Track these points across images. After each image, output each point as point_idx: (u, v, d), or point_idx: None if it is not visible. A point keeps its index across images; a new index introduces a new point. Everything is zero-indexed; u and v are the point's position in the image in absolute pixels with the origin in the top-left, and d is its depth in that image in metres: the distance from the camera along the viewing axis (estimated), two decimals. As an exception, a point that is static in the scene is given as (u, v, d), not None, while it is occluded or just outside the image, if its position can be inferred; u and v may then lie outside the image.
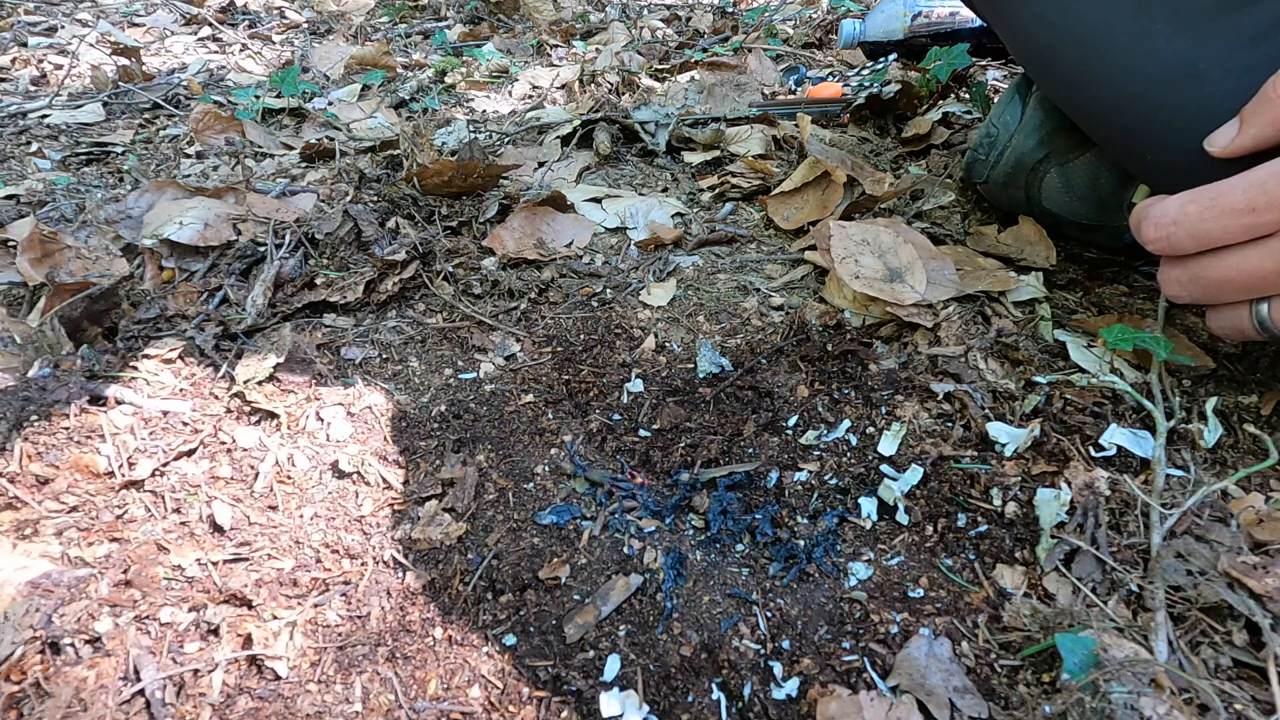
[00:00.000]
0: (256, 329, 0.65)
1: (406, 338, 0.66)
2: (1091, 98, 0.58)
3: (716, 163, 0.96)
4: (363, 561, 0.47)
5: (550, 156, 0.98)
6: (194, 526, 0.49)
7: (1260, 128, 0.46)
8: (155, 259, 0.72)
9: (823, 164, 0.81)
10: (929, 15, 1.25)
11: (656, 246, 0.79)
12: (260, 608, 0.44)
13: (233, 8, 1.77)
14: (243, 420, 0.57)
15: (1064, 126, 0.68)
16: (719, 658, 0.42)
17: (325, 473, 0.53)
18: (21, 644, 0.40)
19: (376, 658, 0.42)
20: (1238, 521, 0.46)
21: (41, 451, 0.51)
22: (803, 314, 0.66)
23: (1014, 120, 0.71)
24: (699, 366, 0.62)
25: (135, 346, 0.63)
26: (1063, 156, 0.69)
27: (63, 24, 1.59)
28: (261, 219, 0.77)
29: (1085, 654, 0.38)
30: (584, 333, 0.66)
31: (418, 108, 1.20)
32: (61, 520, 0.48)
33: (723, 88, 1.17)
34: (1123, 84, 0.54)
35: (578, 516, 0.50)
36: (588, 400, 0.59)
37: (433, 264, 0.74)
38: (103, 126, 1.12)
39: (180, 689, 0.40)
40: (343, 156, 0.97)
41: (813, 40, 1.48)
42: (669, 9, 1.81)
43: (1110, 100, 0.56)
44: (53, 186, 0.90)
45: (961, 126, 1.01)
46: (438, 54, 1.48)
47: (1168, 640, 0.41)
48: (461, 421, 0.57)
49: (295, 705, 0.40)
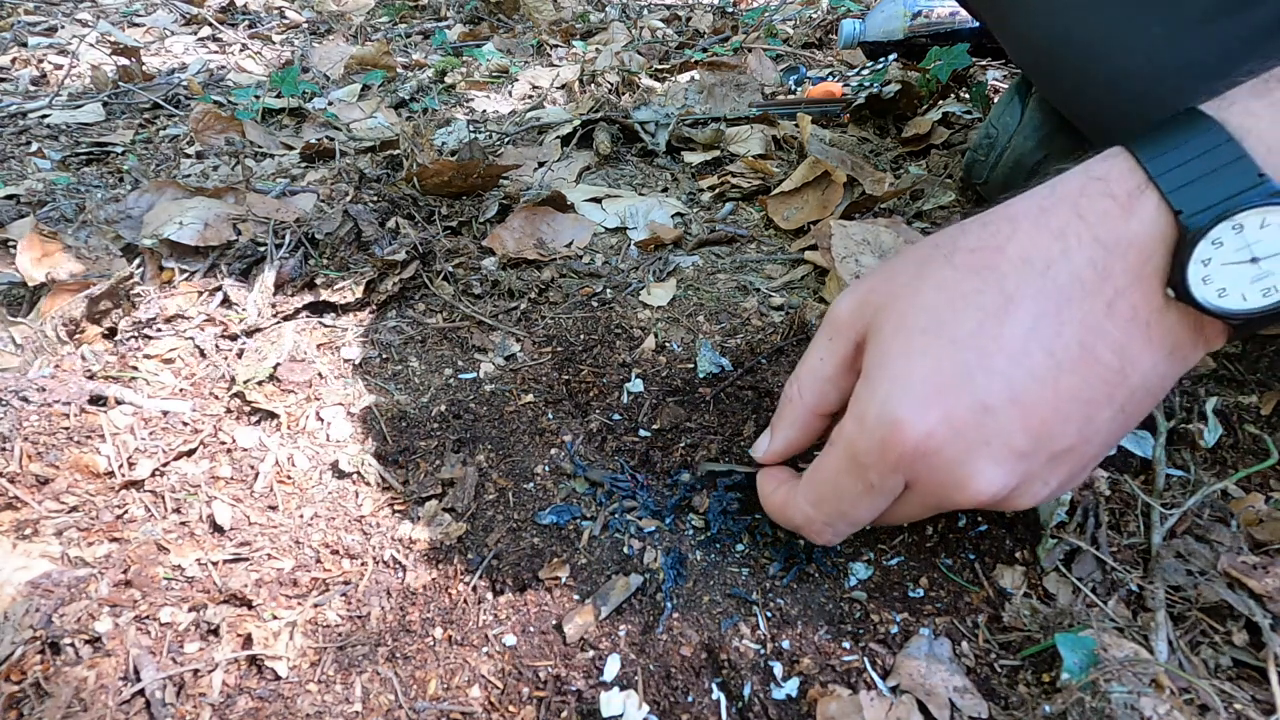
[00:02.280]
0: (256, 329, 0.65)
1: (406, 338, 0.66)
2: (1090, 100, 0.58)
3: (716, 163, 0.96)
4: (363, 561, 0.47)
5: (550, 156, 0.98)
6: (194, 526, 0.49)
7: (787, 431, 0.45)
8: (155, 259, 0.72)
9: (823, 164, 0.81)
10: (929, 15, 1.25)
11: (656, 246, 0.79)
12: (260, 608, 0.44)
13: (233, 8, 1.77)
14: (243, 420, 0.57)
15: (1063, 128, 0.68)
16: (719, 658, 0.42)
17: (325, 473, 0.53)
18: (21, 644, 0.40)
19: (376, 658, 0.42)
20: (1238, 521, 0.46)
21: (41, 451, 0.51)
22: (803, 314, 0.66)
23: (1013, 121, 0.71)
24: (699, 366, 0.62)
25: (135, 346, 0.63)
26: (1062, 157, 0.69)
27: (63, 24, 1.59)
28: (261, 219, 0.77)
29: (1085, 654, 0.38)
30: (584, 333, 0.66)
31: (418, 108, 1.20)
32: (61, 520, 0.48)
33: (723, 88, 1.17)
34: (1121, 86, 0.54)
35: (578, 516, 0.50)
36: (588, 400, 0.59)
37: (433, 264, 0.73)
38: (103, 126, 1.12)
39: (180, 689, 0.40)
40: (343, 156, 0.97)
41: (813, 40, 1.48)
42: (669, 9, 1.81)
43: (1109, 102, 0.56)
44: (53, 186, 0.90)
45: (961, 126, 1.01)
46: (438, 54, 1.48)
47: (1168, 640, 0.41)
48: (461, 421, 0.57)
49: (295, 705, 0.40)
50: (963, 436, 0.35)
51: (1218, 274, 0.32)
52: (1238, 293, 0.31)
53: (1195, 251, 0.32)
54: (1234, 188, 0.31)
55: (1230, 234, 0.32)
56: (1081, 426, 0.36)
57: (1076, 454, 0.37)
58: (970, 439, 0.35)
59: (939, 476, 0.36)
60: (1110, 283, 0.34)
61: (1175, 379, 0.37)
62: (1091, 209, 0.35)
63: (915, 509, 0.40)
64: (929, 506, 0.39)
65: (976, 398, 0.35)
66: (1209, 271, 0.32)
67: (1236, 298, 0.31)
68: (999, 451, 0.35)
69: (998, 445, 0.35)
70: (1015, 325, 0.35)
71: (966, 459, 0.35)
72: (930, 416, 0.35)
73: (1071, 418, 0.35)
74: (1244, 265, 0.31)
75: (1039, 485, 0.37)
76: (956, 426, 0.35)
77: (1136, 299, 0.34)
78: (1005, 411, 0.35)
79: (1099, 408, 0.35)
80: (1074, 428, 0.35)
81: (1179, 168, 0.33)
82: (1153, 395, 0.36)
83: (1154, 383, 0.35)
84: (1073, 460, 0.37)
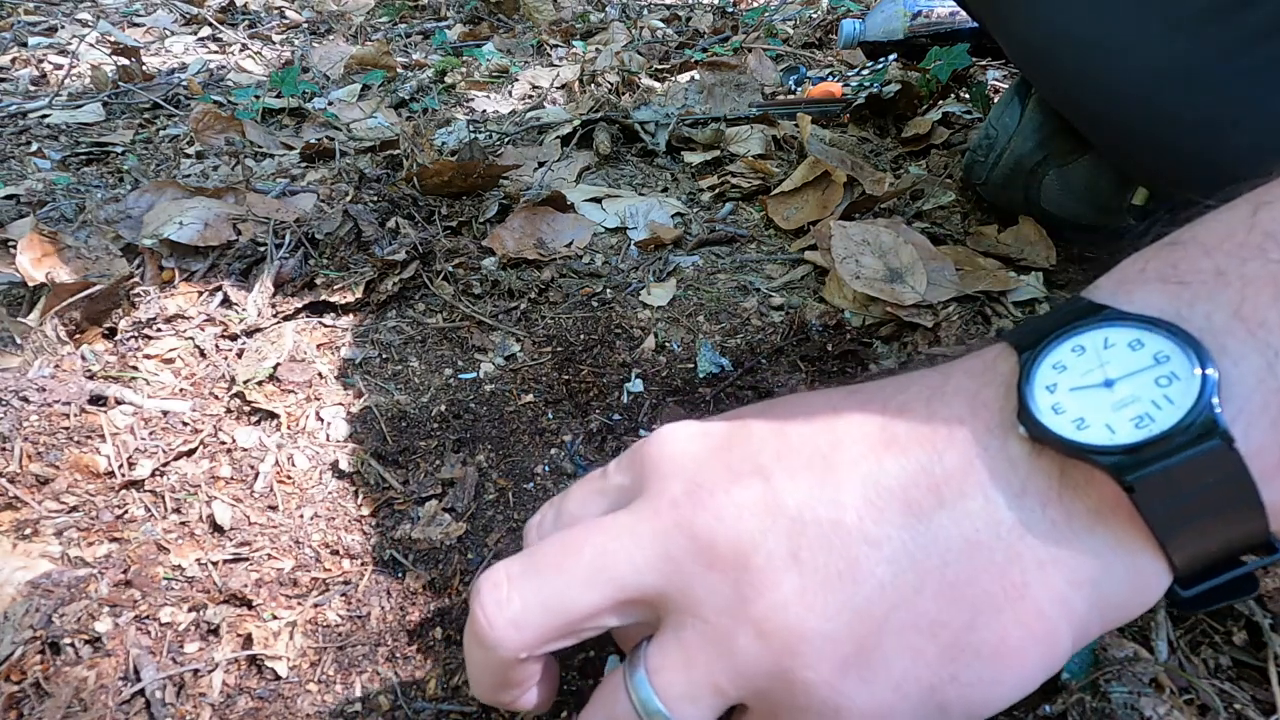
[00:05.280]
0: (256, 329, 0.65)
1: (406, 338, 0.66)
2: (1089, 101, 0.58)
3: (716, 163, 0.96)
4: (363, 561, 0.47)
5: (550, 156, 0.98)
6: (194, 526, 0.49)
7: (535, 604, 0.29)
8: (155, 259, 0.72)
9: (823, 164, 0.81)
10: (929, 15, 1.25)
11: (656, 246, 0.79)
12: (260, 608, 0.44)
13: (233, 8, 1.77)
14: (243, 420, 0.57)
15: (1063, 128, 0.68)
16: (719, 658, 0.42)
17: (325, 473, 0.53)
18: (21, 644, 0.40)
19: (376, 658, 0.42)
20: (1237, 522, 0.46)
21: (41, 451, 0.51)
22: (803, 314, 0.66)
23: (1013, 122, 0.71)
24: (699, 366, 0.62)
25: (135, 346, 0.63)
26: (1061, 158, 0.69)
27: (63, 24, 1.59)
28: (261, 219, 0.77)
29: (1085, 654, 0.38)
30: (584, 333, 0.66)
31: (418, 108, 1.20)
32: (61, 520, 0.48)
33: (723, 88, 1.17)
34: (1120, 87, 0.54)
35: (578, 516, 0.50)
36: (588, 400, 0.59)
37: (433, 264, 0.74)
38: (103, 126, 1.12)
39: (180, 689, 0.40)
40: (343, 156, 0.97)
41: (813, 40, 1.48)
42: (669, 9, 1.81)
43: (1107, 103, 0.56)
44: (53, 186, 0.90)
45: (961, 126, 1.01)
46: (438, 54, 1.48)
47: (1168, 640, 0.41)
48: (461, 421, 0.57)
49: (295, 705, 0.40)
50: (741, 526, 0.27)
51: (1069, 401, 0.25)
52: (1100, 423, 0.24)
53: (1036, 377, 0.26)
54: (1070, 316, 0.26)
55: (1071, 356, 0.26)
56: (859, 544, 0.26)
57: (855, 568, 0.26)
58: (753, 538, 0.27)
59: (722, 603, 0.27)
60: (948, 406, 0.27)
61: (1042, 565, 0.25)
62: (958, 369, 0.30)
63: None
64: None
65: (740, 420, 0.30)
66: (1057, 399, 0.25)
67: (1100, 430, 0.24)
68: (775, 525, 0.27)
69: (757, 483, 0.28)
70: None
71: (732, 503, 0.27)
72: (681, 433, 0.30)
73: (845, 514, 0.27)
74: (1098, 390, 0.25)
75: None
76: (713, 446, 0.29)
77: (977, 427, 0.26)
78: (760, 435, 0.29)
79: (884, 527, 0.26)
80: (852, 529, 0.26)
81: (1029, 325, 0.28)
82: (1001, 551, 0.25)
83: (998, 529, 0.25)
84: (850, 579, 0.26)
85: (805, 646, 0.26)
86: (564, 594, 0.28)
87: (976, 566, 0.25)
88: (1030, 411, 0.25)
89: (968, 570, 0.25)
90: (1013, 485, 0.25)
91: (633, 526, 0.28)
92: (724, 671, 0.27)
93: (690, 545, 0.27)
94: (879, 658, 0.26)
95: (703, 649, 0.27)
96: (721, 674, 0.27)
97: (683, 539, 0.27)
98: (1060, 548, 0.25)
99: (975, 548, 0.25)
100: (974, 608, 0.25)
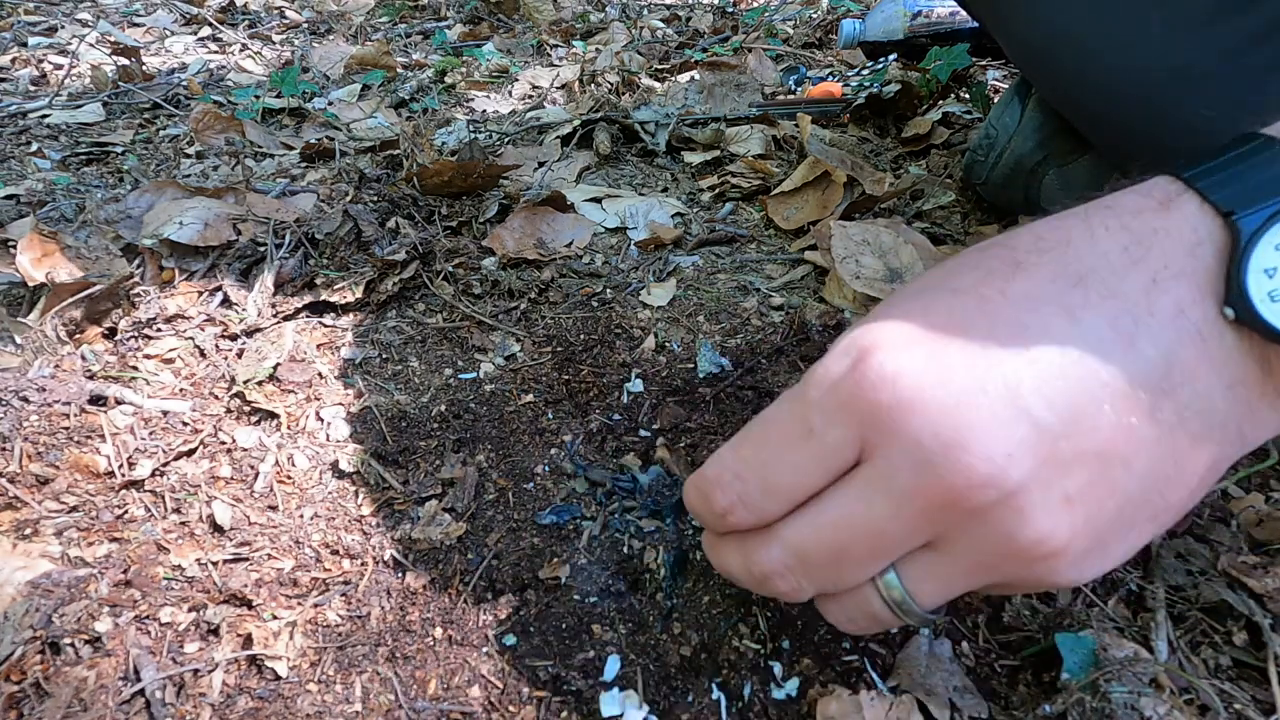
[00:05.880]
0: (256, 329, 0.65)
1: (406, 338, 0.66)
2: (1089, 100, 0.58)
3: (716, 163, 0.96)
4: (363, 561, 0.47)
5: (550, 156, 0.98)
6: (194, 526, 0.49)
7: None
8: (155, 259, 0.72)
9: (823, 164, 0.81)
10: (929, 15, 1.25)
11: (656, 246, 0.79)
12: (260, 608, 0.44)
13: (233, 8, 1.77)
14: (243, 420, 0.57)
15: (1062, 128, 0.68)
16: (719, 658, 0.42)
17: (325, 473, 0.53)
18: (21, 644, 0.40)
19: (376, 658, 0.42)
20: (1238, 521, 0.46)
21: (41, 451, 0.51)
22: (803, 314, 0.66)
23: (1013, 122, 0.71)
24: (699, 366, 0.62)
25: (135, 346, 0.63)
26: (1061, 158, 0.69)
27: (63, 24, 1.59)
28: (261, 219, 0.77)
29: (1085, 654, 0.38)
30: (584, 333, 0.66)
31: (418, 108, 1.20)
32: (61, 520, 0.48)
33: (723, 88, 1.17)
34: (1120, 87, 0.54)
35: (578, 516, 0.50)
36: (588, 400, 0.59)
37: (433, 264, 0.74)
38: (103, 126, 1.12)
39: (180, 689, 0.40)
40: (343, 156, 0.97)
41: (813, 40, 1.48)
42: (669, 9, 1.81)
43: (1107, 103, 0.56)
44: (53, 186, 0.90)
45: (961, 126, 1.01)
46: (438, 54, 1.48)
47: (1168, 640, 0.41)
48: (461, 421, 0.57)
49: (295, 705, 0.40)
50: (953, 388, 0.26)
51: None
52: None
53: (1253, 257, 0.25)
54: None
55: None
56: (1116, 427, 0.26)
57: (1109, 472, 0.26)
58: (969, 398, 0.26)
59: (917, 454, 0.26)
60: (1146, 267, 0.27)
61: (1240, 440, 0.27)
62: (1121, 203, 0.29)
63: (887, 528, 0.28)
64: (910, 525, 0.28)
65: (974, 344, 0.27)
66: (1276, 286, 0.24)
67: None
68: (1017, 429, 0.25)
69: (1012, 418, 0.25)
70: (1025, 281, 0.28)
71: (968, 431, 0.25)
72: (911, 355, 0.27)
73: (1102, 404, 0.26)
74: None
75: (1067, 510, 0.26)
76: (946, 375, 0.26)
77: (1182, 297, 0.26)
78: (1014, 367, 0.26)
79: (1140, 413, 0.26)
80: (1106, 421, 0.26)
81: (1222, 173, 0.27)
82: (1212, 441, 0.27)
83: (1211, 418, 0.26)
84: (1104, 483, 0.26)
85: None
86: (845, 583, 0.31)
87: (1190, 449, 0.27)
88: (1247, 300, 0.26)
89: (1182, 455, 0.27)
90: (1224, 376, 0.27)
91: (897, 513, 0.27)
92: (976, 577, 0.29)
93: (957, 508, 0.27)
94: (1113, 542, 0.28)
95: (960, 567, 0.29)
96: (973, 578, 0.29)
97: (951, 511, 0.27)
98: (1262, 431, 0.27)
99: (1194, 439, 0.27)
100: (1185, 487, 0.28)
